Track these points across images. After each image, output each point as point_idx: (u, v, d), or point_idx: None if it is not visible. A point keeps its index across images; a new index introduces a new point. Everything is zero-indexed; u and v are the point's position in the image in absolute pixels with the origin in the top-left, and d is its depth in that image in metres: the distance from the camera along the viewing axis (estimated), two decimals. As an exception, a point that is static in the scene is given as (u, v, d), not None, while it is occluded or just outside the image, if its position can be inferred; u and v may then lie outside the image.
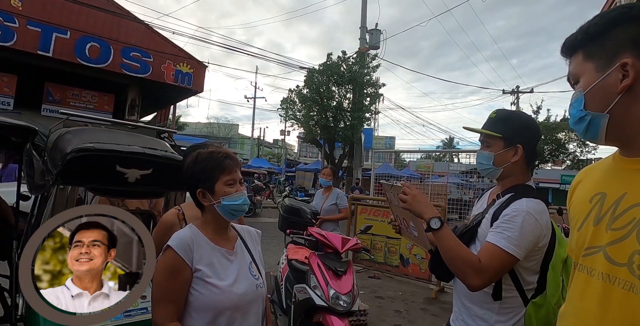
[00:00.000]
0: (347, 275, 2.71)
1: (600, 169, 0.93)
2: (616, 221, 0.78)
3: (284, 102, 17.17)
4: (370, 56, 16.18)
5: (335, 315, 2.48)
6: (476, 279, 1.29)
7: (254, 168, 23.32)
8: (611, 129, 0.82)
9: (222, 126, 44.11)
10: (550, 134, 25.48)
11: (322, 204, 4.34)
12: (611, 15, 0.82)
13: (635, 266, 0.71)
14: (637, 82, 0.77)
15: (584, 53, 0.85)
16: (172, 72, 11.93)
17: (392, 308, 4.58)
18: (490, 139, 1.52)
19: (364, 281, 5.71)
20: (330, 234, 2.92)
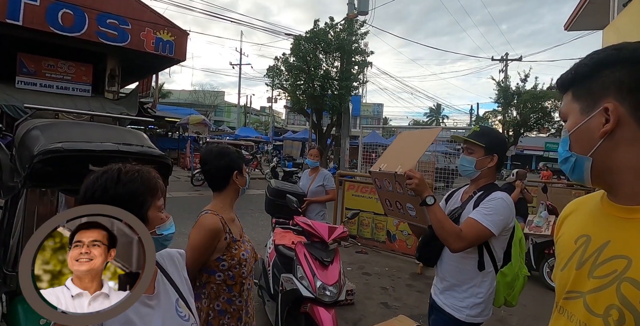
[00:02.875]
0: (334, 264, 2.71)
1: (589, 207, 0.89)
2: (598, 269, 0.77)
3: (270, 70, 16.66)
4: (359, 22, 15.62)
5: (322, 305, 2.50)
6: (457, 243, 1.68)
7: (241, 137, 23.09)
8: (595, 173, 0.79)
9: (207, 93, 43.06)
10: (537, 102, 25.60)
11: (309, 186, 4.29)
12: (600, 56, 0.78)
13: (610, 319, 0.71)
14: (619, 128, 0.74)
15: (572, 93, 0.82)
16: (153, 41, 11.38)
17: (378, 285, 4.70)
18: (473, 147, 1.88)
19: (352, 256, 5.82)
20: (317, 224, 2.90)
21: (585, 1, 9.55)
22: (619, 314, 0.69)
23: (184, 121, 16.56)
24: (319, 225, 2.85)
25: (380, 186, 1.93)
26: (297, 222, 2.90)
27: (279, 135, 30.64)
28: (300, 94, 16.06)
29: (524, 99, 26.15)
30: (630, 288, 0.69)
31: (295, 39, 15.75)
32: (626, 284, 0.70)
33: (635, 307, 0.67)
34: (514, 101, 27.15)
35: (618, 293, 0.71)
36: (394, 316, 3.75)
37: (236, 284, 1.76)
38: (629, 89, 0.73)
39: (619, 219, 0.78)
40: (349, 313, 3.83)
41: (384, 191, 1.93)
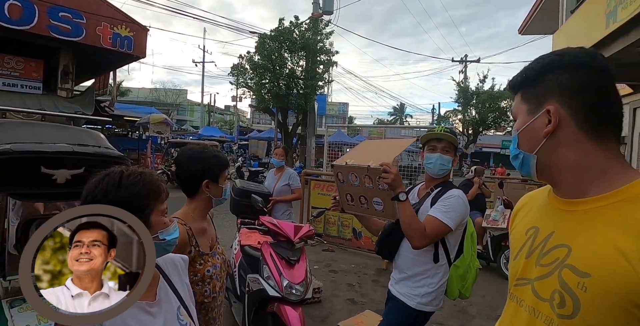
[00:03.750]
0: (300, 262, 2.72)
1: (539, 200, 0.96)
2: (544, 258, 0.82)
3: (235, 68, 16.40)
4: (324, 21, 15.68)
5: (289, 304, 2.51)
6: (421, 241, 1.80)
7: (205, 137, 22.56)
8: (540, 169, 0.85)
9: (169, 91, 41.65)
10: (495, 102, 26.80)
11: (275, 185, 4.28)
12: (545, 61, 0.84)
13: (555, 303, 0.76)
14: (560, 129, 0.80)
15: (522, 95, 0.88)
16: (110, 36, 10.85)
17: (345, 282, 4.76)
18: (449, 147, 1.99)
19: (319, 255, 5.86)
20: (283, 223, 2.90)
21: (537, 7, 10.09)
22: (560, 298, 0.75)
23: (144, 120, 15.96)
24: (285, 224, 2.86)
25: (343, 181, 1.93)
26: (262, 222, 2.88)
27: (244, 134, 30.24)
28: (266, 93, 15.94)
29: (482, 99, 27.30)
30: (570, 274, 0.74)
31: (260, 38, 15.60)
32: (566, 270, 0.75)
33: (574, 291, 0.73)
34: (473, 101, 28.29)
35: (559, 279, 0.76)
36: (361, 311, 3.82)
37: (196, 302, 1.55)
38: (570, 93, 0.79)
39: (562, 212, 0.83)
40: (316, 311, 3.86)
41: (346, 186, 1.93)
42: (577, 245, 0.76)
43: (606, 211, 0.75)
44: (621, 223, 0.71)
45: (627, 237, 0.68)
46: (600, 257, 0.70)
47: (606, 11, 5.08)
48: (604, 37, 5.03)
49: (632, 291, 0.65)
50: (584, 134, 0.78)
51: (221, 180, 1.68)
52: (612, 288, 0.67)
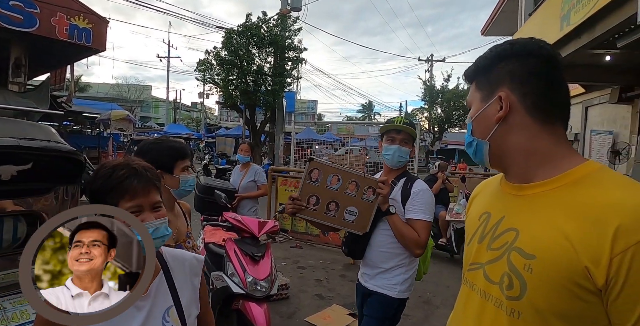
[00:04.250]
0: (265, 258, 2.70)
1: (492, 187, 0.98)
2: (494, 242, 0.85)
3: (201, 64, 16.00)
4: (292, 18, 15.58)
5: (254, 301, 2.48)
6: (418, 249, 1.86)
7: (170, 134, 21.93)
8: (492, 155, 0.88)
9: (132, 87, 40.20)
10: (459, 100, 27.62)
11: (240, 181, 4.21)
12: (497, 50, 0.87)
13: (504, 286, 0.78)
14: (511, 115, 0.82)
15: (476, 83, 0.91)
16: (66, 27, 10.27)
17: (313, 277, 4.77)
18: (408, 138, 1.98)
19: (287, 251, 5.83)
20: (247, 219, 2.86)
21: (498, 10, 10.49)
22: (509, 280, 0.77)
23: (105, 116, 15.30)
24: (249, 220, 2.82)
25: (316, 180, 1.76)
26: (226, 218, 2.83)
27: (211, 132, 29.64)
28: (233, 90, 15.66)
29: (447, 98, 28.09)
30: (517, 256, 0.76)
31: (227, 33, 15.28)
32: (514, 253, 0.77)
33: (521, 272, 0.75)
34: (439, 99, 29.03)
35: (508, 262, 0.78)
36: (329, 306, 3.84)
37: None
38: (520, 80, 0.82)
39: (512, 197, 0.86)
40: (284, 307, 3.84)
41: (318, 187, 1.76)
42: (524, 228, 0.78)
43: (551, 195, 0.77)
44: (564, 206, 0.73)
45: (568, 219, 0.71)
46: (544, 239, 0.73)
47: (560, 15, 5.34)
48: (559, 39, 5.29)
49: (573, 271, 0.67)
50: (532, 120, 0.81)
51: (176, 171, 1.65)
52: (555, 268, 0.70)
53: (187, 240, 1.78)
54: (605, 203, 0.68)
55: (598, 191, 0.71)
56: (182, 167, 1.67)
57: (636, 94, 6.19)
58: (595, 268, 0.65)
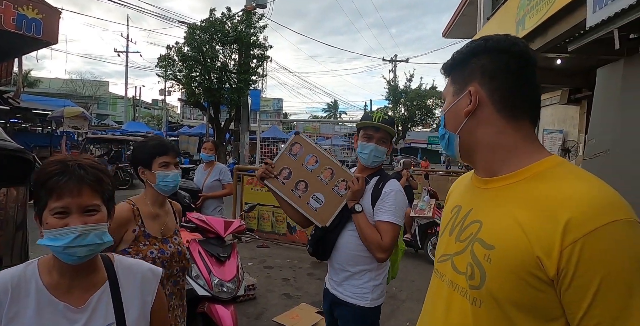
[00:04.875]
0: (231, 259, 2.64)
1: (465, 182, 1.01)
2: (462, 234, 0.87)
3: (162, 60, 15.43)
4: (257, 15, 15.36)
5: (220, 303, 2.42)
6: (381, 253, 1.72)
7: (129, 133, 21.07)
8: (462, 148, 0.90)
9: (87, 83, 38.14)
10: (421, 100, 28.44)
11: (204, 181, 4.10)
12: (472, 45, 0.88)
13: (468, 275, 0.80)
14: (479, 109, 0.84)
15: (451, 78, 0.92)
16: (13, 17, 9.55)
17: (280, 277, 4.73)
18: (386, 137, 1.85)
19: (253, 251, 5.76)
20: (211, 219, 2.78)
21: (459, 13, 10.84)
22: (472, 270, 0.79)
23: (57, 113, 14.43)
24: (214, 220, 2.75)
25: (295, 154, 1.70)
26: (189, 218, 2.74)
27: (173, 130, 28.69)
28: (196, 87, 15.24)
29: (411, 97, 28.80)
30: (479, 247, 0.79)
31: (189, 28, 14.84)
32: (477, 244, 0.80)
33: (481, 263, 0.77)
34: (402, 99, 29.70)
35: (471, 252, 0.80)
36: (296, 305, 3.83)
37: None
38: (490, 75, 0.83)
39: (479, 190, 0.89)
40: (251, 308, 3.79)
41: (295, 162, 1.70)
42: (486, 221, 0.81)
43: (512, 188, 0.80)
44: (522, 199, 0.76)
45: (524, 211, 0.73)
46: (502, 231, 0.75)
47: (516, 19, 5.59)
48: (514, 42, 5.53)
49: (527, 261, 0.69)
50: (499, 115, 0.83)
51: (154, 166, 1.73)
52: (511, 258, 0.72)
53: (174, 237, 1.83)
54: (559, 196, 0.70)
55: (553, 185, 0.73)
56: (160, 162, 1.74)
57: (584, 96, 6.60)
58: (547, 259, 0.67)
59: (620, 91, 3.16)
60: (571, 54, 4.29)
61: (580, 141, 6.63)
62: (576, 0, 3.85)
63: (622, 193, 0.71)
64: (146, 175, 1.74)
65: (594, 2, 3.21)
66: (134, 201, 1.75)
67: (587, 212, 0.65)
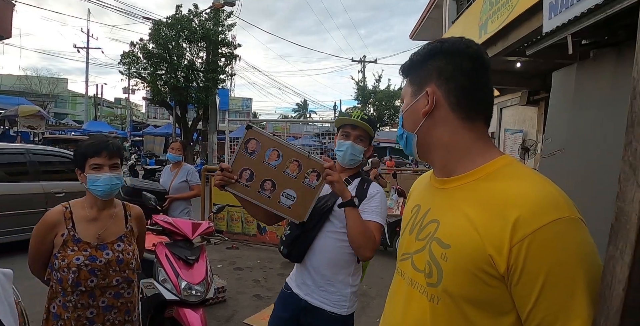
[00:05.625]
0: (200, 261, 2.58)
1: (425, 181, 1.04)
2: (421, 233, 0.89)
3: (125, 57, 14.88)
4: (226, 13, 15.11)
5: (189, 306, 2.36)
6: (371, 253, 1.64)
7: (90, 133, 20.21)
8: (419, 148, 0.92)
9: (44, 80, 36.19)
10: (390, 100, 28.94)
11: (171, 182, 3.99)
12: (429, 47, 0.89)
13: (426, 274, 0.83)
14: (436, 109, 0.86)
15: (409, 79, 0.94)
16: (-42, 9, 9.00)
17: (251, 278, 4.68)
18: (364, 136, 1.79)
19: (223, 253, 5.67)
20: (179, 221, 2.71)
21: (425, 16, 11.13)
22: (430, 268, 0.82)
23: (10, 112, 13.62)
24: (181, 222, 2.68)
25: (252, 152, 1.51)
26: (156, 221, 2.67)
27: (138, 130, 27.78)
28: (162, 85, 14.81)
29: (379, 97, 29.25)
30: (436, 246, 0.81)
31: (154, 24, 14.40)
32: (434, 243, 0.82)
33: (438, 261, 0.80)
34: (371, 99, 30.12)
35: (429, 251, 0.83)
36: (267, 306, 3.80)
37: (68, 289, 1.57)
38: (446, 77, 0.85)
39: (437, 190, 0.91)
40: (221, 310, 3.73)
41: (254, 160, 1.52)
42: (443, 220, 0.84)
43: (466, 188, 0.83)
44: (475, 199, 0.79)
45: (477, 210, 0.76)
46: (457, 229, 0.78)
47: (479, 23, 5.80)
48: (477, 45, 5.74)
49: (479, 258, 0.72)
50: (454, 116, 0.85)
51: (86, 169, 1.63)
52: (465, 255, 0.75)
53: (118, 243, 1.70)
54: (508, 195, 0.73)
55: (503, 185, 0.76)
56: (91, 165, 1.62)
57: (541, 97, 6.94)
58: (498, 256, 0.70)
59: (574, 93, 3.35)
60: (530, 57, 4.49)
61: (539, 140, 6.97)
62: (534, 7, 4.04)
63: (575, 187, 0.76)
64: (81, 178, 1.65)
65: (549, 9, 3.39)
66: (71, 204, 1.68)
67: (533, 210, 0.69)
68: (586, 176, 2.82)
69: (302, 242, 1.73)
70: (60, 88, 38.58)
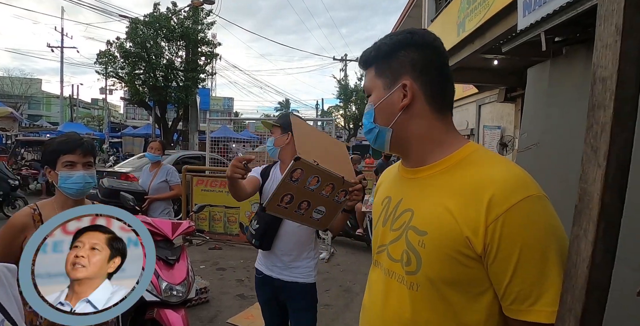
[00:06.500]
0: (181, 261, 2.55)
1: (393, 174, 1.05)
2: (395, 223, 0.90)
3: (102, 56, 14.52)
4: (205, 11, 14.92)
5: (170, 307, 2.33)
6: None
7: (66, 134, 19.66)
8: (393, 141, 0.91)
9: (16, 80, 35.04)
10: (371, 99, 29.17)
11: (151, 182, 3.92)
12: (398, 38, 0.88)
13: (403, 262, 0.84)
14: (413, 102, 0.86)
15: (375, 69, 0.91)
16: None
17: (234, 278, 4.64)
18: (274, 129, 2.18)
19: (205, 253, 5.61)
20: (158, 221, 2.67)
21: (405, 15, 11.26)
22: (407, 257, 0.83)
23: (-19, 114, 13.14)
24: (161, 222, 2.64)
25: (296, 180, 1.62)
26: (135, 221, 2.61)
27: (116, 131, 27.19)
28: (140, 85, 14.52)
29: (361, 96, 29.38)
30: (413, 234, 0.83)
31: (132, 23, 14.10)
32: (410, 231, 0.84)
33: (416, 248, 0.81)
34: (353, 97, 30.26)
35: (406, 240, 0.84)
36: (251, 305, 3.78)
37: None
38: (420, 69, 0.85)
39: (408, 180, 0.93)
40: (204, 311, 3.68)
41: (297, 186, 1.64)
42: (417, 208, 0.85)
43: (438, 176, 0.84)
44: (447, 185, 0.81)
45: (451, 195, 0.79)
46: (433, 216, 0.80)
47: (457, 22, 5.89)
48: (456, 44, 5.83)
49: (456, 241, 0.75)
50: (430, 108, 0.87)
51: (58, 166, 1.57)
52: (442, 240, 0.77)
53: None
54: (479, 179, 0.76)
55: (474, 170, 0.79)
56: (64, 162, 1.57)
57: (518, 94, 7.10)
58: (474, 237, 0.73)
59: (547, 88, 3.45)
60: (506, 55, 4.60)
61: (516, 136, 7.13)
62: (510, 5, 4.14)
63: (550, 179, 0.79)
64: (52, 175, 1.59)
65: (524, 7, 3.47)
66: (39, 205, 1.59)
67: (504, 191, 0.72)
68: (559, 167, 2.90)
69: (270, 233, 2.03)
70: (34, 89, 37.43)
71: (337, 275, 4.94)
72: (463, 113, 10.23)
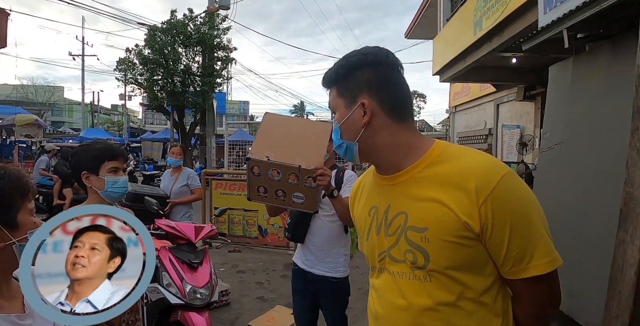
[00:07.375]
0: (204, 265, 2.58)
1: (368, 183, 1.08)
2: (389, 229, 0.95)
3: (121, 63, 14.86)
4: (220, 16, 15.11)
5: (194, 310, 2.36)
6: None
7: (88, 140, 20.19)
8: (362, 153, 0.98)
9: (40, 88, 36.13)
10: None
11: (172, 186, 3.98)
12: (353, 60, 0.95)
13: (409, 261, 0.91)
14: (373, 118, 0.93)
15: (337, 90, 0.99)
16: (-47, 19, 8.97)
17: (253, 280, 4.67)
18: None
19: (225, 256, 5.66)
20: (181, 225, 2.71)
21: (420, 15, 11.14)
22: (413, 255, 0.89)
23: (7, 122, 13.59)
24: (184, 226, 2.68)
25: (258, 174, 1.85)
26: (158, 225, 2.66)
27: (135, 136, 27.73)
28: (159, 90, 14.79)
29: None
30: (413, 233, 0.89)
31: (150, 30, 14.39)
32: (410, 231, 0.90)
33: (419, 245, 0.88)
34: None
35: (407, 240, 0.90)
36: (271, 308, 3.80)
37: None
38: (376, 86, 0.92)
39: (389, 187, 0.98)
40: (225, 313, 3.72)
41: (262, 179, 1.86)
42: (410, 209, 0.91)
43: (420, 177, 0.91)
44: (433, 182, 0.88)
45: (440, 190, 0.86)
46: (429, 212, 0.87)
47: (474, 20, 5.80)
48: (473, 43, 5.75)
49: (456, 227, 0.84)
50: (391, 120, 0.93)
51: (102, 172, 1.63)
52: (444, 229, 0.85)
53: None
54: (459, 172, 0.85)
55: (453, 164, 0.88)
56: (109, 168, 1.65)
57: (538, 92, 6.95)
58: (471, 221, 0.83)
59: (570, 86, 3.36)
60: (525, 53, 4.50)
61: (536, 135, 6.98)
62: (529, 2, 4.05)
63: (575, 179, 0.79)
64: (91, 181, 1.62)
65: (544, 4, 3.40)
66: None
67: (484, 178, 0.83)
68: (585, 168, 2.83)
69: (301, 226, 2.23)
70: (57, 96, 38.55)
71: (357, 278, 4.89)
72: (480, 113, 10.07)
